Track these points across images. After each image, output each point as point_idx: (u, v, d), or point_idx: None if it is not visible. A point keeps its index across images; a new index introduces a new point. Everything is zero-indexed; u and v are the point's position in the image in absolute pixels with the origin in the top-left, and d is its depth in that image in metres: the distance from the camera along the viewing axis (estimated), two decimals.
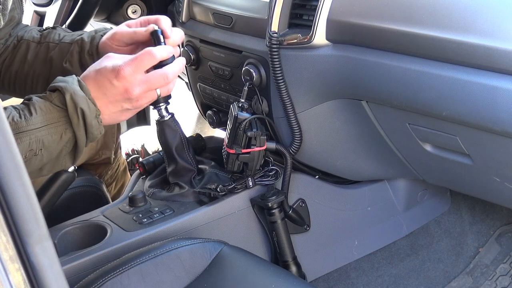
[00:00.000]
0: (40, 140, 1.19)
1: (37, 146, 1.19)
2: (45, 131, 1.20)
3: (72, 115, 1.21)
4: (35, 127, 1.19)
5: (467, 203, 1.88)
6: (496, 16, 1.10)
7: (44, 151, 1.20)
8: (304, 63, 1.38)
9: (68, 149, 1.23)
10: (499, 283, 1.75)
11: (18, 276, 0.61)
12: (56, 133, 1.20)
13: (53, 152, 1.21)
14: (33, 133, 1.19)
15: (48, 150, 1.20)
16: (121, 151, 1.98)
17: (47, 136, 1.20)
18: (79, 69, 1.44)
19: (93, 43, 1.45)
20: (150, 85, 1.26)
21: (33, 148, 1.19)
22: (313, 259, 1.64)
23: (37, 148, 1.19)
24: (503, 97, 1.11)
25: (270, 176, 1.51)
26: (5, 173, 0.59)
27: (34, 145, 1.19)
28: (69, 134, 1.21)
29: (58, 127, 1.21)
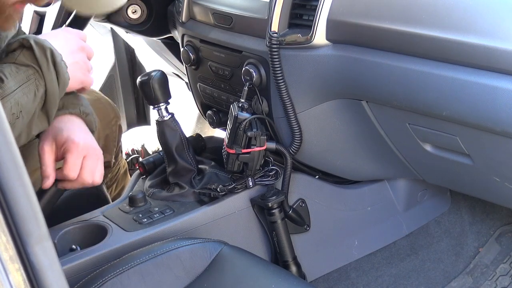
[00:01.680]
0: (18, 102, 1.20)
1: (17, 109, 1.20)
2: (20, 92, 1.21)
3: (41, 58, 1.23)
4: (10, 90, 1.20)
5: (467, 203, 1.88)
6: (496, 16, 1.10)
7: (23, 113, 1.21)
8: (304, 63, 1.38)
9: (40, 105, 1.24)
10: (499, 283, 1.75)
11: (18, 276, 0.61)
12: (30, 92, 1.21)
13: (31, 111, 1.22)
14: (11, 96, 1.19)
15: (26, 110, 1.21)
16: (122, 154, 1.98)
17: (23, 97, 1.21)
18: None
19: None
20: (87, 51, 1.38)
21: (14, 112, 1.19)
22: (313, 259, 1.64)
23: (17, 111, 1.20)
24: (503, 97, 1.11)
25: (270, 176, 1.51)
26: (5, 173, 0.59)
27: (14, 109, 1.19)
28: (41, 90, 1.23)
29: (30, 85, 1.22)
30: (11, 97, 1.20)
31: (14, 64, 1.23)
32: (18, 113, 1.20)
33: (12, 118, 1.19)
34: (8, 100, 1.19)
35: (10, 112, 1.19)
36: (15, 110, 1.19)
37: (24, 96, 1.21)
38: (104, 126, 1.79)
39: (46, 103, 1.25)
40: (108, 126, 1.81)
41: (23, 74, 1.22)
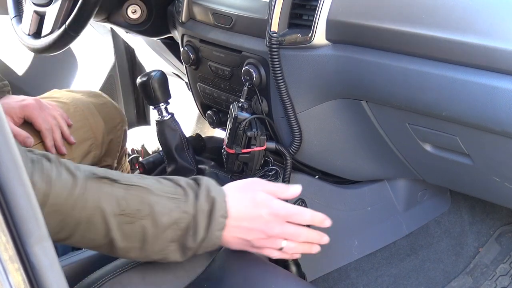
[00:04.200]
0: (150, 204, 1.07)
1: (145, 210, 1.06)
2: (156, 198, 1.08)
3: (201, 197, 1.10)
4: (147, 187, 1.08)
5: (467, 203, 1.88)
6: (496, 16, 1.10)
7: (150, 220, 1.06)
8: (304, 63, 1.38)
9: (174, 234, 1.08)
10: (499, 283, 1.75)
11: (18, 276, 0.61)
12: (165, 206, 1.07)
13: (158, 227, 1.07)
14: (144, 192, 1.07)
15: (154, 221, 1.06)
16: (125, 158, 1.98)
17: (157, 205, 1.07)
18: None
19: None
20: (284, 233, 1.18)
21: (140, 209, 1.05)
22: (313, 259, 1.64)
23: (145, 212, 1.06)
24: (503, 97, 1.11)
25: (270, 176, 1.51)
26: (5, 173, 0.59)
27: (142, 206, 1.06)
28: (178, 213, 1.08)
29: (169, 200, 1.08)
30: (143, 191, 1.06)
31: (169, 180, 1.12)
32: (145, 215, 1.06)
33: (137, 213, 1.05)
34: (138, 190, 1.06)
35: (136, 204, 1.05)
36: (142, 208, 1.06)
37: (159, 205, 1.07)
38: (109, 130, 1.79)
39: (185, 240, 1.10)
40: (113, 130, 1.81)
41: (172, 188, 1.10)
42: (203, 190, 1.12)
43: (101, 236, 1.06)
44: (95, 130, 1.76)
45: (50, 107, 1.68)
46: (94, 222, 1.04)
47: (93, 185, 1.04)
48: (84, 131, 1.73)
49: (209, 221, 1.11)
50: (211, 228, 1.11)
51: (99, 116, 1.78)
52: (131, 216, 1.06)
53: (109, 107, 1.84)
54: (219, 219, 1.12)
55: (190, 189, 1.12)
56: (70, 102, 1.77)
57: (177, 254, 1.12)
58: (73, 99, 1.78)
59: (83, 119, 1.74)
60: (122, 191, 1.06)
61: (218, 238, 1.13)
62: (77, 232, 1.04)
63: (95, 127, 1.76)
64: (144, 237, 1.08)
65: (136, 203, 1.06)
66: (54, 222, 1.01)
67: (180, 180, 1.13)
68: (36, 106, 1.64)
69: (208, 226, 1.11)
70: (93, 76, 2.69)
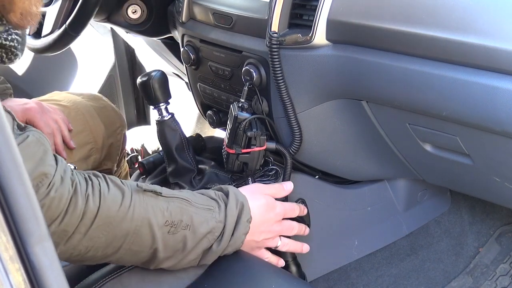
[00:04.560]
0: (189, 214, 1.16)
1: (186, 220, 1.15)
2: (194, 209, 1.17)
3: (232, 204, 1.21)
4: (186, 198, 1.17)
5: (467, 203, 1.88)
6: (496, 16, 1.10)
7: (191, 229, 1.16)
8: (304, 63, 1.38)
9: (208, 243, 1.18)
10: (499, 283, 1.75)
11: (18, 276, 0.61)
12: (203, 216, 1.17)
13: (197, 236, 1.16)
14: (184, 203, 1.16)
15: (194, 230, 1.16)
16: (124, 160, 1.98)
17: (196, 215, 1.17)
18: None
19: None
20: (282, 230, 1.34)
21: (183, 219, 1.15)
22: (313, 259, 1.64)
23: (186, 222, 1.15)
24: (503, 97, 1.11)
25: (270, 176, 1.51)
26: (5, 173, 0.59)
27: (184, 217, 1.15)
28: (214, 223, 1.18)
29: (205, 211, 1.18)
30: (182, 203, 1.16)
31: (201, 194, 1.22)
32: (186, 225, 1.15)
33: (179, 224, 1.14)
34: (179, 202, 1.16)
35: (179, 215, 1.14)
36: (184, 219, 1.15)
37: (197, 215, 1.17)
38: (109, 134, 1.80)
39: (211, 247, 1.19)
40: (113, 134, 1.82)
41: (205, 200, 1.20)
42: (232, 196, 1.23)
43: (146, 248, 1.13)
44: (95, 134, 1.76)
45: (51, 111, 1.68)
46: (141, 233, 1.11)
47: (139, 198, 1.12)
48: (85, 135, 1.73)
49: (236, 226, 1.21)
50: (237, 232, 1.21)
51: (99, 120, 1.78)
52: (175, 226, 1.14)
53: (109, 111, 1.84)
54: (245, 223, 1.22)
55: (221, 200, 1.22)
56: (71, 105, 1.77)
57: (197, 262, 1.21)
58: (74, 103, 1.78)
59: (83, 123, 1.75)
60: (165, 203, 1.15)
61: (242, 242, 1.23)
62: (124, 245, 1.11)
63: (96, 131, 1.76)
64: (184, 246, 1.16)
65: (178, 214, 1.15)
66: (104, 235, 1.08)
67: (211, 193, 1.24)
68: (38, 109, 1.65)
69: (235, 230, 1.21)
70: (93, 76, 2.69)
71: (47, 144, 1.06)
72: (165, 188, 1.18)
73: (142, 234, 1.11)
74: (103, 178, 1.11)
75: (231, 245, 1.22)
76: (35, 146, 1.02)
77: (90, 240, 1.07)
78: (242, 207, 1.23)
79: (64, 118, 1.70)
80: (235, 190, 1.26)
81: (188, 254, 1.18)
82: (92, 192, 1.07)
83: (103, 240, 1.08)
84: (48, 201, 1.01)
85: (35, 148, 1.02)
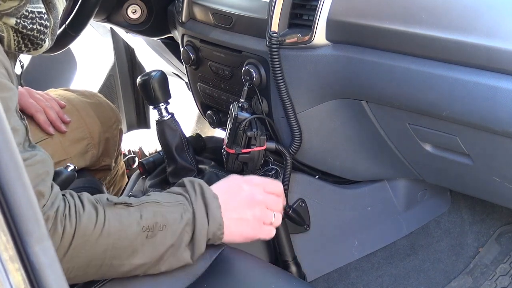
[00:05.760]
0: (163, 214, 1.17)
1: (161, 220, 1.16)
2: (166, 208, 1.18)
3: (189, 188, 1.22)
4: (156, 201, 1.18)
5: (467, 203, 1.88)
6: (496, 16, 1.10)
7: (168, 228, 1.16)
8: (304, 63, 1.38)
9: (188, 236, 1.19)
10: (499, 283, 1.75)
11: (18, 276, 0.61)
12: (176, 211, 1.18)
13: (176, 233, 1.17)
14: (156, 206, 1.17)
15: (171, 228, 1.17)
16: (121, 157, 1.98)
17: (169, 213, 1.17)
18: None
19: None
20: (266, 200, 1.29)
21: (158, 221, 1.16)
22: (313, 259, 1.64)
23: (162, 222, 1.16)
24: (503, 97, 1.11)
25: (270, 176, 1.51)
26: (5, 173, 0.59)
27: (159, 218, 1.16)
28: (188, 214, 1.18)
29: (177, 206, 1.19)
30: (155, 206, 1.17)
31: (167, 192, 1.24)
32: (162, 226, 1.16)
33: (155, 226, 1.15)
34: (151, 206, 1.17)
35: (153, 218, 1.15)
36: (159, 220, 1.16)
37: (170, 213, 1.18)
38: (105, 129, 1.79)
39: (193, 236, 1.20)
40: (109, 130, 1.81)
41: (173, 197, 1.21)
42: (188, 183, 1.23)
43: (128, 259, 1.14)
44: (91, 130, 1.76)
45: (40, 93, 1.70)
46: (119, 245, 1.12)
47: (112, 212, 1.13)
48: (80, 131, 1.73)
49: (205, 205, 1.20)
50: (210, 210, 1.20)
51: (95, 116, 1.78)
52: (151, 230, 1.15)
53: (104, 107, 1.84)
54: (211, 199, 1.21)
55: (184, 192, 1.23)
56: (65, 102, 1.77)
57: (189, 257, 1.20)
58: (68, 99, 1.79)
59: (78, 119, 1.74)
60: (137, 212, 1.15)
61: (220, 217, 1.21)
62: (106, 260, 1.12)
63: (91, 126, 1.76)
64: (167, 246, 1.17)
65: (152, 217, 1.16)
66: (83, 254, 1.09)
67: (175, 189, 1.25)
68: (24, 93, 1.67)
69: (207, 210, 1.20)
70: (92, 76, 2.69)
71: (51, 167, 1.10)
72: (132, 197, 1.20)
73: (121, 247, 1.12)
74: (78, 198, 1.12)
75: (212, 223, 1.20)
76: (41, 166, 1.06)
77: (69, 261, 1.08)
78: (201, 187, 1.22)
79: (55, 98, 1.72)
80: (190, 178, 1.27)
81: (176, 252, 1.18)
82: (69, 213, 1.08)
83: (82, 260, 1.09)
84: None
85: (40, 167, 1.06)
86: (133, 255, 1.14)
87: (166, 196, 1.22)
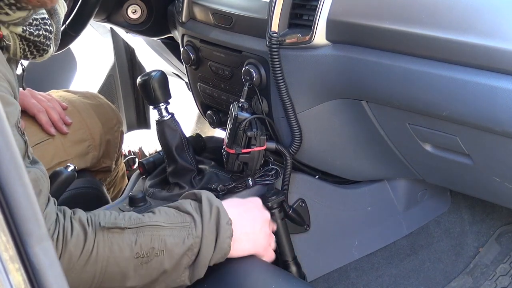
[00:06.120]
0: (162, 239, 1.14)
1: (159, 246, 1.14)
2: (168, 231, 1.15)
3: (205, 211, 1.18)
4: (157, 224, 1.15)
5: (467, 203, 1.88)
6: (496, 16, 1.10)
7: (165, 253, 1.14)
8: (304, 63, 1.38)
9: (189, 260, 1.17)
10: (499, 283, 1.75)
11: (18, 276, 0.61)
12: (178, 236, 1.15)
13: (174, 258, 1.15)
14: (155, 229, 1.14)
15: (170, 253, 1.14)
16: (122, 159, 1.98)
17: (170, 238, 1.15)
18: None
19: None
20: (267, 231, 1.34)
21: (154, 247, 1.13)
22: (313, 259, 1.64)
23: (159, 248, 1.13)
24: (503, 97, 1.11)
25: (270, 176, 1.51)
26: (5, 173, 0.59)
27: (156, 243, 1.13)
28: (191, 239, 1.16)
29: (181, 230, 1.16)
30: (154, 229, 1.14)
31: (175, 210, 1.20)
32: (159, 251, 1.13)
33: (150, 252, 1.13)
34: (150, 230, 1.14)
35: (149, 243, 1.12)
36: (156, 245, 1.13)
37: (171, 237, 1.15)
38: (106, 131, 1.79)
39: (195, 260, 1.17)
40: (110, 131, 1.81)
41: (179, 218, 1.18)
42: (206, 203, 1.20)
43: (118, 283, 1.12)
44: (92, 131, 1.76)
45: (42, 94, 1.70)
46: (109, 271, 1.10)
47: (103, 237, 1.10)
48: (81, 132, 1.73)
49: (217, 232, 1.18)
50: (221, 237, 1.18)
51: (96, 118, 1.78)
52: (146, 256, 1.12)
53: (105, 108, 1.84)
54: (225, 226, 1.19)
55: (197, 212, 1.19)
56: (67, 103, 1.77)
57: (187, 279, 1.18)
58: (70, 101, 1.79)
59: (80, 121, 1.75)
60: (133, 236, 1.12)
61: (229, 246, 1.20)
62: (93, 285, 1.09)
63: (92, 128, 1.76)
64: (162, 271, 1.14)
65: (149, 243, 1.13)
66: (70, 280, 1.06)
67: (185, 206, 1.20)
68: (27, 94, 1.67)
69: (217, 237, 1.18)
70: (92, 76, 2.69)
71: (45, 186, 1.07)
72: (134, 215, 1.16)
73: (110, 273, 1.10)
74: (69, 219, 1.10)
75: (218, 251, 1.19)
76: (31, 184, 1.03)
77: None
78: (218, 211, 1.20)
79: (57, 99, 1.72)
80: (208, 195, 1.24)
81: (171, 275, 1.16)
82: (57, 237, 1.06)
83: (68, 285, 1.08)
84: None
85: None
86: (125, 280, 1.12)
87: (171, 216, 1.18)
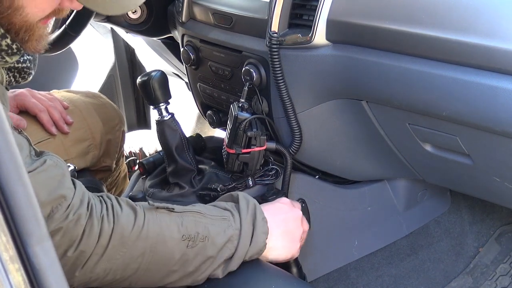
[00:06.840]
0: (205, 226, 1.16)
1: (203, 231, 1.16)
2: (209, 220, 1.17)
3: (243, 207, 1.22)
4: (200, 211, 1.18)
5: (467, 203, 1.88)
6: (496, 16, 1.10)
7: (209, 240, 1.16)
8: (304, 63, 1.38)
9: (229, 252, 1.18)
10: (499, 283, 1.75)
11: (18, 276, 0.61)
12: (219, 226, 1.18)
13: (217, 246, 1.16)
14: (198, 216, 1.17)
15: (213, 241, 1.16)
16: (123, 159, 1.98)
17: (212, 226, 1.17)
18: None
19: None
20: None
21: (199, 232, 1.15)
22: (313, 259, 1.64)
23: (203, 234, 1.16)
24: (503, 97, 1.11)
25: (270, 176, 1.51)
26: (5, 173, 0.59)
27: (200, 229, 1.15)
28: (231, 231, 1.18)
29: (221, 220, 1.19)
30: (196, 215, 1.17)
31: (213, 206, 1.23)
32: (204, 237, 1.15)
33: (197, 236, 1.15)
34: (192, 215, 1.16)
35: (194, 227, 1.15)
36: (200, 230, 1.15)
37: (213, 225, 1.17)
38: (107, 131, 1.79)
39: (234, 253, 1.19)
40: (111, 131, 1.81)
41: (218, 211, 1.20)
42: (242, 201, 1.24)
43: (166, 265, 1.13)
44: (93, 131, 1.76)
45: (43, 94, 1.71)
46: (158, 250, 1.12)
47: (153, 216, 1.13)
48: (82, 132, 1.73)
49: (254, 227, 1.21)
50: (256, 232, 1.21)
51: (97, 117, 1.78)
52: (192, 240, 1.14)
53: (107, 108, 1.84)
54: (261, 222, 1.22)
55: (234, 209, 1.23)
56: (68, 103, 1.77)
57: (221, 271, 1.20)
58: (71, 100, 1.78)
59: (81, 120, 1.74)
60: (179, 218, 1.15)
61: (264, 242, 1.22)
62: (142, 265, 1.11)
63: (93, 127, 1.76)
64: (206, 258, 1.16)
65: (194, 227, 1.15)
66: (121, 256, 1.09)
67: (222, 204, 1.24)
68: (27, 94, 1.67)
69: (254, 231, 1.21)
70: (93, 76, 2.69)
71: (65, 167, 1.08)
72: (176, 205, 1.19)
73: (159, 252, 1.12)
74: (116, 199, 1.12)
75: (254, 246, 1.21)
76: (54, 170, 1.04)
77: (107, 261, 1.07)
78: (254, 207, 1.23)
79: (58, 98, 1.72)
80: (244, 194, 1.27)
81: (211, 265, 1.18)
82: (107, 213, 1.08)
83: (120, 262, 1.09)
84: (66, 225, 1.03)
85: (54, 171, 1.04)
86: (169, 264, 1.13)
87: (211, 209, 1.21)
